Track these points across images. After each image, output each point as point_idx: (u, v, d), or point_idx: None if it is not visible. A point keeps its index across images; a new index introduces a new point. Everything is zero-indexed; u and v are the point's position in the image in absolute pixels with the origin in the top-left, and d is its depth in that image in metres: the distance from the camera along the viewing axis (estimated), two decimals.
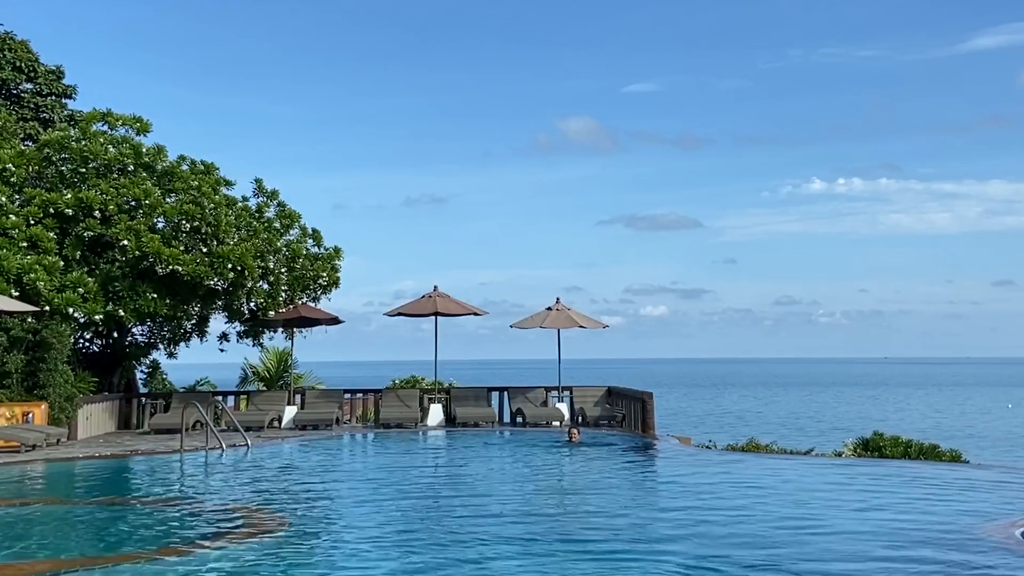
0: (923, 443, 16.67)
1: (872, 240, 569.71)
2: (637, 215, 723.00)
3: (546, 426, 20.29)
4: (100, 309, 18.08)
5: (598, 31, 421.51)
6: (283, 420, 20.62)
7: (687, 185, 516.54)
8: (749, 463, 14.43)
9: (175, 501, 11.01)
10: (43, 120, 24.71)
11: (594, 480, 13.02)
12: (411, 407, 20.91)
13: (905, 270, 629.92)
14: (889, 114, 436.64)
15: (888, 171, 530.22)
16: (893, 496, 11.15)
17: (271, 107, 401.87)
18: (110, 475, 13.72)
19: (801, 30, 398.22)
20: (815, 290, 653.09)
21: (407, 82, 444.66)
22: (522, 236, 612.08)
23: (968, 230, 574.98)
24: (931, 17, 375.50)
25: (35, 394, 17.18)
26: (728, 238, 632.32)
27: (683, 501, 10.73)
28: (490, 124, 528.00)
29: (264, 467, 14.24)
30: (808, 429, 43.35)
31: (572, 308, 21.62)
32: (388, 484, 12.38)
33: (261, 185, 22.18)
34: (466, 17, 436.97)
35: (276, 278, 20.85)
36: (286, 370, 26.37)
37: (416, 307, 21.49)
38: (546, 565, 7.37)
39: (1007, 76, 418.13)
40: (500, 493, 11.55)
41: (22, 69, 24.83)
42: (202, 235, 19.20)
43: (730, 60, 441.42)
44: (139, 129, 21.36)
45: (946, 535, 8.32)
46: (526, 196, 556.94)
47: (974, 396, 78.25)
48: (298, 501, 10.94)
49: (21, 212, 18.50)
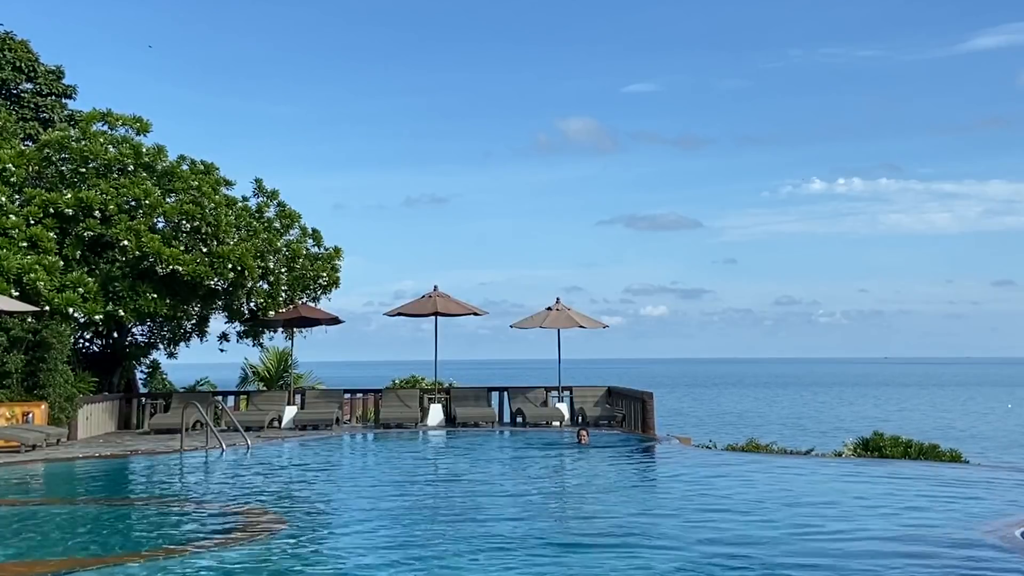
0: (923, 443, 16.68)
1: (872, 240, 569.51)
2: (637, 215, 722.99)
3: (546, 426, 20.29)
4: (100, 309, 18.08)
5: (598, 31, 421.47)
6: (283, 420, 20.62)
7: (687, 185, 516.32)
8: (749, 463, 14.43)
9: (175, 501, 11.02)
10: (43, 120, 24.72)
11: (600, 481, 13.00)
12: (411, 407, 20.91)
13: (905, 270, 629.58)
14: (889, 114, 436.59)
15: (888, 171, 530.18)
16: (893, 496, 11.15)
17: (271, 107, 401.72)
18: (110, 475, 13.72)
19: (801, 30, 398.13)
20: (815, 290, 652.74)
21: (407, 82, 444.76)
22: (522, 236, 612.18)
23: (968, 230, 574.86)
24: (931, 17, 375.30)
25: (35, 394, 17.18)
26: (728, 238, 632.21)
27: (684, 501, 10.72)
28: (490, 124, 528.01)
29: (264, 467, 14.23)
30: (810, 429, 43.34)
31: (572, 308, 21.62)
32: (388, 484, 12.38)
33: (261, 185, 22.19)
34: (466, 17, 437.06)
35: (276, 278, 20.85)
36: (286, 370, 26.38)
37: (416, 307, 21.49)
38: (547, 565, 7.37)
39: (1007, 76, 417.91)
40: (505, 495, 11.53)
41: (22, 69, 24.84)
42: (202, 235, 19.20)
43: (730, 60, 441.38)
44: (139, 129, 21.35)
45: (946, 535, 8.31)
46: (526, 196, 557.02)
47: (975, 396, 78.22)
48: (298, 501, 10.95)
49: (21, 212, 18.50)
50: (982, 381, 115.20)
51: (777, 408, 64.09)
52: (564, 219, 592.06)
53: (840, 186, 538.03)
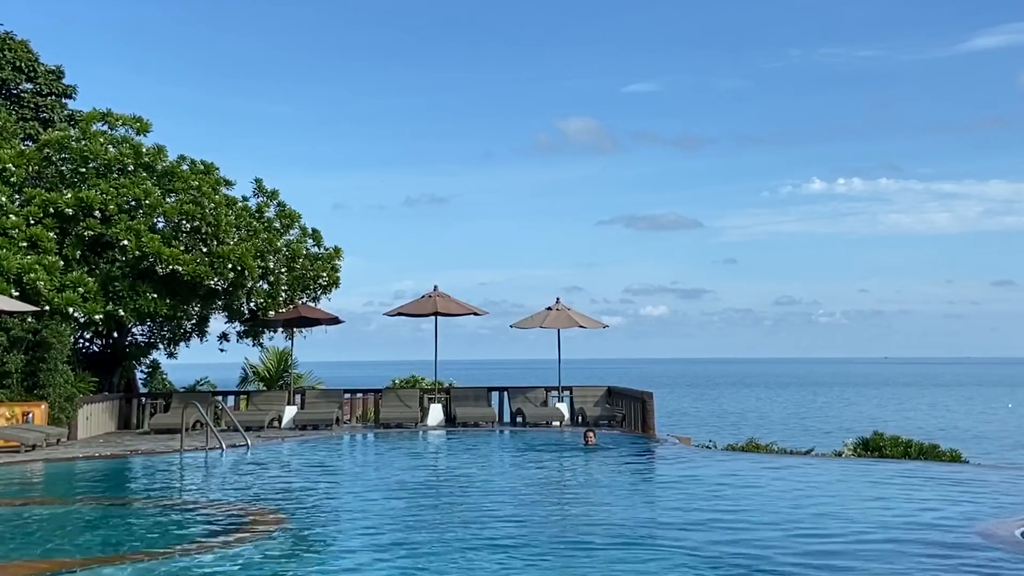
0: (923, 443, 16.70)
1: (872, 240, 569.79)
2: (637, 215, 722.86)
3: (546, 426, 20.28)
4: (100, 309, 18.07)
5: (598, 31, 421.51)
6: (283, 420, 20.61)
7: (687, 185, 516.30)
8: (749, 463, 14.42)
9: (175, 501, 11.02)
10: (43, 120, 24.72)
11: (600, 481, 12.99)
12: (411, 407, 20.91)
13: (905, 270, 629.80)
14: (889, 114, 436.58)
15: (888, 171, 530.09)
16: (893, 496, 11.14)
17: (271, 107, 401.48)
18: (110, 475, 13.72)
19: (801, 30, 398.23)
20: (815, 290, 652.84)
21: (407, 82, 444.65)
22: (522, 236, 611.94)
23: (968, 230, 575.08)
24: (931, 17, 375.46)
25: (35, 394, 17.18)
26: (728, 238, 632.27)
27: (684, 501, 10.70)
28: (490, 124, 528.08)
29: (264, 467, 14.23)
30: (811, 429, 43.32)
31: (572, 308, 21.61)
32: (388, 484, 12.37)
33: (261, 185, 22.19)
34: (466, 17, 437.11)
35: (276, 278, 20.85)
36: (286, 370, 26.36)
37: (416, 307, 21.49)
38: (547, 567, 7.36)
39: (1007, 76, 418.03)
40: (505, 495, 11.52)
41: (22, 69, 24.83)
42: (202, 235, 19.20)
43: (730, 60, 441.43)
44: (139, 129, 21.35)
45: (946, 535, 8.31)
46: (526, 196, 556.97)
47: (974, 396, 78.20)
48: (298, 501, 10.93)
49: (21, 212, 18.49)
50: (982, 381, 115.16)
51: (778, 408, 64.07)
52: (564, 219, 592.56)
53: (840, 186, 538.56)
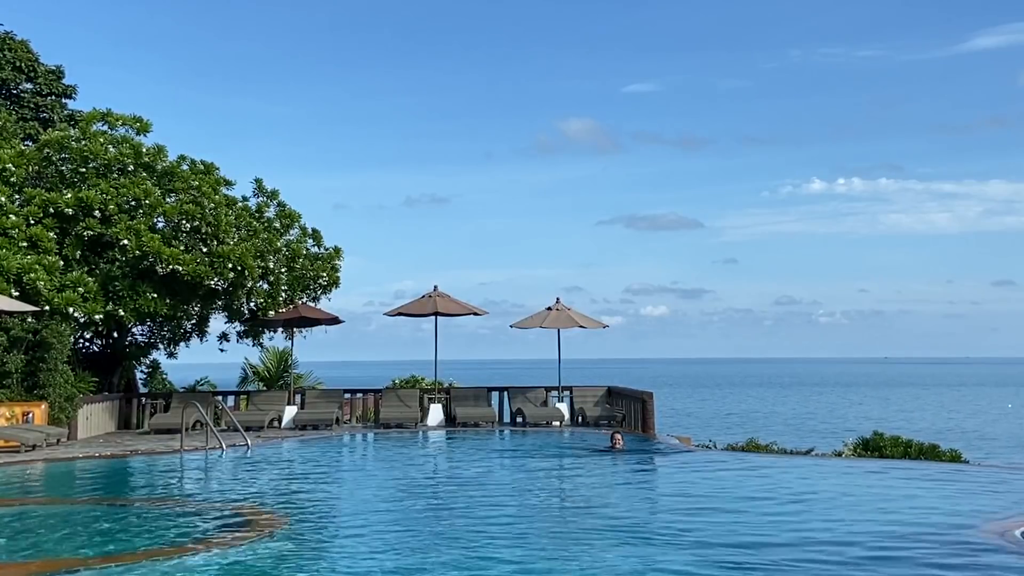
0: (923, 443, 16.70)
1: (872, 240, 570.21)
2: (637, 215, 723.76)
3: (546, 426, 20.27)
4: (100, 309, 18.07)
5: (598, 31, 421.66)
6: (283, 420, 20.61)
7: (687, 185, 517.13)
8: (749, 463, 14.41)
9: (175, 501, 11.01)
10: (43, 120, 24.73)
11: (599, 481, 12.99)
12: (411, 407, 20.90)
13: (905, 270, 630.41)
14: (889, 114, 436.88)
15: (888, 171, 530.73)
16: (893, 496, 11.15)
17: (271, 107, 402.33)
18: (110, 475, 13.71)
19: (801, 30, 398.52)
20: (815, 290, 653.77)
21: (407, 82, 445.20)
22: (522, 236, 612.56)
23: (968, 230, 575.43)
24: (931, 17, 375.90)
25: (35, 394, 17.18)
26: (728, 238, 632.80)
27: (684, 501, 10.71)
28: (490, 124, 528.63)
29: (264, 467, 14.23)
30: (811, 430, 43.32)
31: (572, 308, 21.61)
32: (388, 484, 12.37)
33: (261, 185, 22.19)
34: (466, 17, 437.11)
35: (276, 278, 20.85)
36: (286, 370, 26.37)
37: (416, 307, 21.48)
38: (547, 565, 7.36)
39: (1007, 76, 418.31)
40: (506, 495, 11.52)
41: (22, 69, 24.84)
42: (202, 235, 19.20)
43: (730, 60, 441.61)
44: (139, 129, 21.36)
45: (946, 535, 8.30)
46: (526, 196, 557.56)
47: (975, 396, 78.19)
48: (297, 501, 10.93)
49: (21, 212, 18.49)
50: (983, 381, 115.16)
51: (778, 408, 64.07)
52: (564, 219, 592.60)
53: (840, 186, 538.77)
